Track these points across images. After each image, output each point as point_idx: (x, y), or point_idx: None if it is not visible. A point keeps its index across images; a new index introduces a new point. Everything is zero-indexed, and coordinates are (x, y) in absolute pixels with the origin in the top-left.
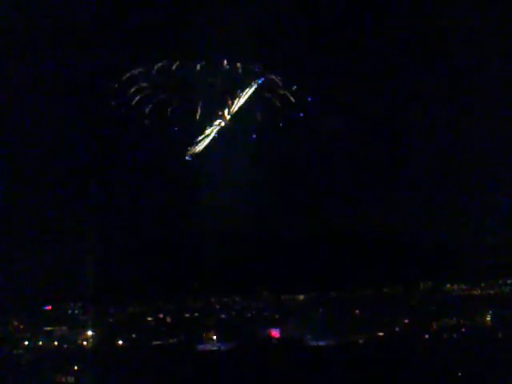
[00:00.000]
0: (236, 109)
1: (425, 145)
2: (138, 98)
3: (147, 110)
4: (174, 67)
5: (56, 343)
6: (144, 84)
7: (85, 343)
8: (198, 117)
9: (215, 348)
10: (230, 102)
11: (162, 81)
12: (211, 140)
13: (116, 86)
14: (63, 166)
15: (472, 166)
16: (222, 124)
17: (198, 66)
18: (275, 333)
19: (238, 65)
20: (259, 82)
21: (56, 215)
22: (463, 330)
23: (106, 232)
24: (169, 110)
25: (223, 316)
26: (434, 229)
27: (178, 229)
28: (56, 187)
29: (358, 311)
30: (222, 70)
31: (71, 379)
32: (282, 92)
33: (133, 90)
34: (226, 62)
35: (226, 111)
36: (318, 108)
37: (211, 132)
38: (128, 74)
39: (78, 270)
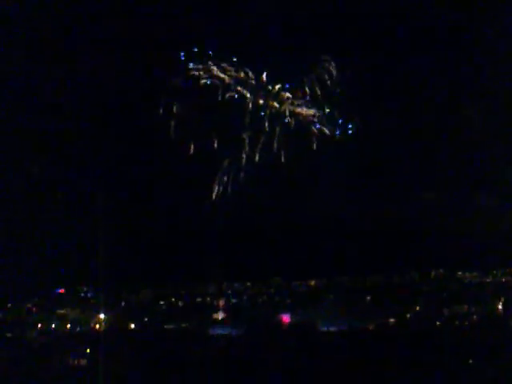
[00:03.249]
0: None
1: (439, 138)
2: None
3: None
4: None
5: (69, 326)
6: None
7: (97, 326)
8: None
9: (226, 332)
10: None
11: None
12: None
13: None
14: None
15: (484, 156)
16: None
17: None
18: (286, 318)
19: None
20: None
21: (69, 199)
22: (475, 317)
23: (120, 216)
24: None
25: (234, 301)
26: (445, 216)
27: (190, 215)
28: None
29: (369, 297)
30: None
31: (84, 362)
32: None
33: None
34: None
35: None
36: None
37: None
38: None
39: (91, 254)
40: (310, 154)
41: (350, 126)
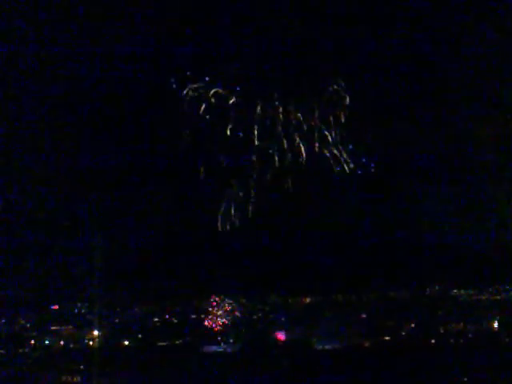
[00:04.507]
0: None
1: (439, 148)
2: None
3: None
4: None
5: (62, 342)
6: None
7: (91, 343)
8: None
9: (221, 350)
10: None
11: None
12: None
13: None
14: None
15: (484, 172)
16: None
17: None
18: (281, 335)
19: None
20: None
21: (65, 215)
22: (470, 335)
23: (114, 232)
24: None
25: (229, 318)
26: (441, 233)
27: (184, 230)
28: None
29: (364, 315)
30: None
31: (77, 379)
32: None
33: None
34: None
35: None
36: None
37: None
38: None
39: (84, 270)
40: (318, 182)
41: (372, 165)
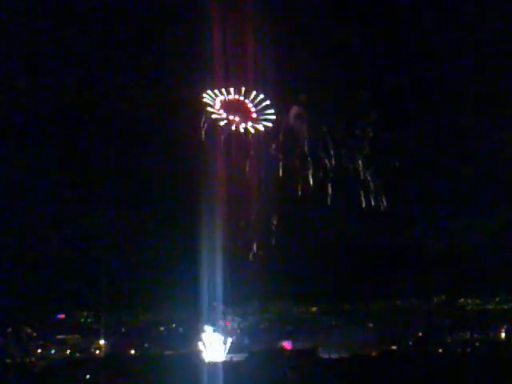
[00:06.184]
0: None
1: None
2: None
3: None
4: None
5: (68, 351)
6: None
7: (97, 352)
8: None
9: (227, 358)
10: None
11: None
12: None
13: None
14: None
15: (490, 184)
16: None
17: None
18: (287, 344)
19: None
20: None
21: (73, 226)
22: (477, 344)
23: (120, 243)
24: None
25: (235, 326)
26: (448, 243)
27: (192, 241)
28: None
29: (371, 324)
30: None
31: None
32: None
33: None
34: None
35: None
36: None
37: None
38: None
39: (91, 280)
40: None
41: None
